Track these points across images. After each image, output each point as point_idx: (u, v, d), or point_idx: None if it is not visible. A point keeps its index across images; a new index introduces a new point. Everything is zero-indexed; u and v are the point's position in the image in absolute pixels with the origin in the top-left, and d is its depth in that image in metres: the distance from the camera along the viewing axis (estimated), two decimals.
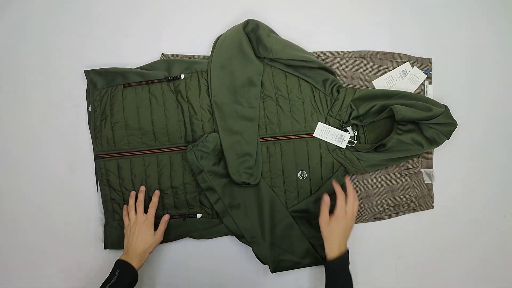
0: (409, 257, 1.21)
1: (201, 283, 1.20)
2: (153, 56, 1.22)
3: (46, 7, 1.25)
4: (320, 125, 1.14)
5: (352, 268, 1.20)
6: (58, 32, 1.24)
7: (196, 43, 1.22)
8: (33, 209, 1.22)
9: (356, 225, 1.19)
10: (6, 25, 1.24)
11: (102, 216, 1.19)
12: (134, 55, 1.22)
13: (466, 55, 1.23)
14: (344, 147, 1.14)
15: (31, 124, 1.23)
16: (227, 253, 1.20)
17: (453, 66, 1.23)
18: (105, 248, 1.18)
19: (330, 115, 1.15)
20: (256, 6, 1.23)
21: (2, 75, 1.24)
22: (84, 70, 1.18)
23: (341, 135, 1.14)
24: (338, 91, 1.15)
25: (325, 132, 1.14)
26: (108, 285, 0.96)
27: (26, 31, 1.24)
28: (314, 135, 1.14)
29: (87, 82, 1.19)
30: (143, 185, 1.16)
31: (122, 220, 1.16)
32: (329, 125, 1.15)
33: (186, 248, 1.20)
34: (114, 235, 1.17)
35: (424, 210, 1.19)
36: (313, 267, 1.17)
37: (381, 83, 1.19)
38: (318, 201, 1.13)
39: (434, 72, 1.21)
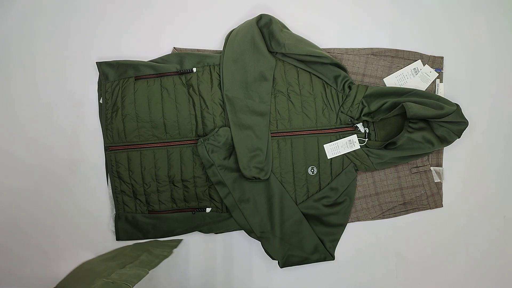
0: (409, 257, 1.21)
1: (209, 277, 1.20)
2: (164, 50, 1.22)
3: (49, 7, 1.24)
4: (327, 147, 1.15)
5: (352, 268, 1.20)
6: (60, 31, 1.24)
7: (208, 37, 1.22)
8: (36, 208, 1.22)
9: (356, 224, 1.20)
10: (7, 25, 1.24)
11: (113, 208, 1.19)
12: (146, 49, 1.22)
13: (477, 55, 1.23)
14: (359, 147, 1.14)
15: (32, 123, 1.23)
16: (235, 248, 1.20)
17: (465, 65, 1.22)
18: (117, 239, 1.19)
19: (342, 111, 1.15)
20: (269, 1, 1.23)
21: (3, 75, 1.23)
22: (96, 62, 1.18)
23: (349, 140, 1.14)
24: (349, 88, 1.15)
25: (335, 148, 1.15)
26: None
27: (28, 31, 1.24)
28: (328, 158, 1.14)
29: (98, 74, 1.19)
30: (153, 177, 1.16)
31: (133, 212, 1.16)
32: (340, 121, 1.15)
33: (195, 242, 1.20)
34: (125, 227, 1.17)
35: (433, 208, 1.19)
36: (322, 263, 1.17)
37: (392, 80, 1.19)
38: (324, 198, 1.14)
39: (445, 71, 1.21)
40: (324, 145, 1.15)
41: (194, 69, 1.16)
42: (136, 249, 1.14)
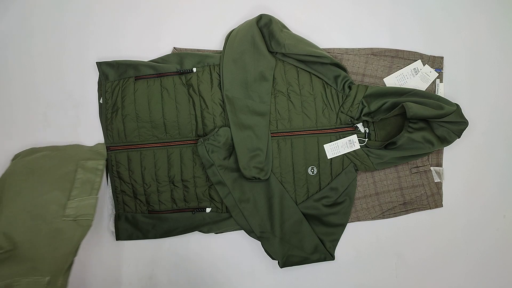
0: (409, 257, 1.21)
1: (209, 277, 1.20)
2: (164, 50, 1.22)
3: (48, 6, 1.24)
4: (327, 146, 1.15)
5: (352, 268, 1.20)
6: (59, 31, 1.24)
7: (208, 37, 1.22)
8: None
9: (356, 224, 1.20)
10: (7, 25, 1.23)
11: (113, 208, 1.19)
12: (146, 49, 1.22)
13: (477, 55, 1.23)
14: (359, 147, 1.14)
15: (31, 123, 1.22)
16: (235, 248, 1.20)
17: (464, 65, 1.23)
18: (117, 239, 1.18)
19: (342, 111, 1.15)
20: (269, 1, 1.23)
21: (2, 75, 1.23)
22: (96, 62, 1.18)
23: (349, 140, 1.14)
24: (349, 88, 1.15)
25: (335, 148, 1.15)
26: None
27: (27, 31, 1.24)
28: (328, 158, 1.14)
29: (98, 74, 1.19)
30: (153, 177, 1.16)
31: (133, 211, 1.17)
32: (340, 121, 1.15)
33: (195, 242, 1.20)
34: (125, 226, 1.17)
35: (433, 208, 1.19)
36: (322, 263, 1.17)
37: (392, 80, 1.19)
38: (324, 198, 1.14)
39: (445, 71, 1.21)
40: (324, 145, 1.15)
41: (194, 69, 1.16)
42: (64, 162, 1.10)
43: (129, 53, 1.22)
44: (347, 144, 1.15)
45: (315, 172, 1.15)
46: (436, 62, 1.20)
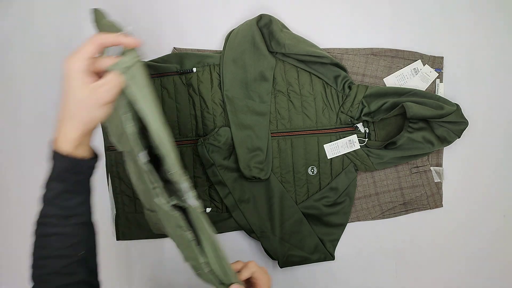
0: (409, 257, 1.21)
1: None
2: (164, 50, 1.22)
3: (48, 6, 1.24)
4: (327, 146, 1.15)
5: (352, 268, 1.20)
6: (59, 31, 1.23)
7: (208, 37, 1.22)
8: (36, 208, 1.22)
9: (356, 224, 1.20)
10: (7, 25, 1.23)
11: (113, 208, 1.19)
12: (146, 49, 1.22)
13: (477, 55, 1.23)
14: (359, 147, 1.14)
15: (31, 123, 1.22)
16: (235, 248, 1.20)
17: (464, 65, 1.23)
18: (117, 239, 1.19)
19: (342, 112, 1.15)
20: (269, 1, 1.23)
21: (2, 75, 1.23)
22: None
23: (350, 140, 1.14)
24: (349, 88, 1.15)
25: (335, 148, 1.15)
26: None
27: (27, 31, 1.24)
28: (328, 158, 1.15)
29: None
30: None
31: (133, 212, 1.17)
32: (340, 121, 1.15)
33: None
34: (125, 226, 1.18)
35: (433, 208, 1.19)
36: (322, 263, 1.17)
37: (392, 80, 1.19)
38: (324, 198, 1.14)
39: (445, 71, 1.21)
40: (324, 145, 1.15)
41: (194, 69, 1.16)
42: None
43: None
44: (347, 144, 1.15)
45: (315, 172, 1.15)
46: (436, 62, 1.20)
